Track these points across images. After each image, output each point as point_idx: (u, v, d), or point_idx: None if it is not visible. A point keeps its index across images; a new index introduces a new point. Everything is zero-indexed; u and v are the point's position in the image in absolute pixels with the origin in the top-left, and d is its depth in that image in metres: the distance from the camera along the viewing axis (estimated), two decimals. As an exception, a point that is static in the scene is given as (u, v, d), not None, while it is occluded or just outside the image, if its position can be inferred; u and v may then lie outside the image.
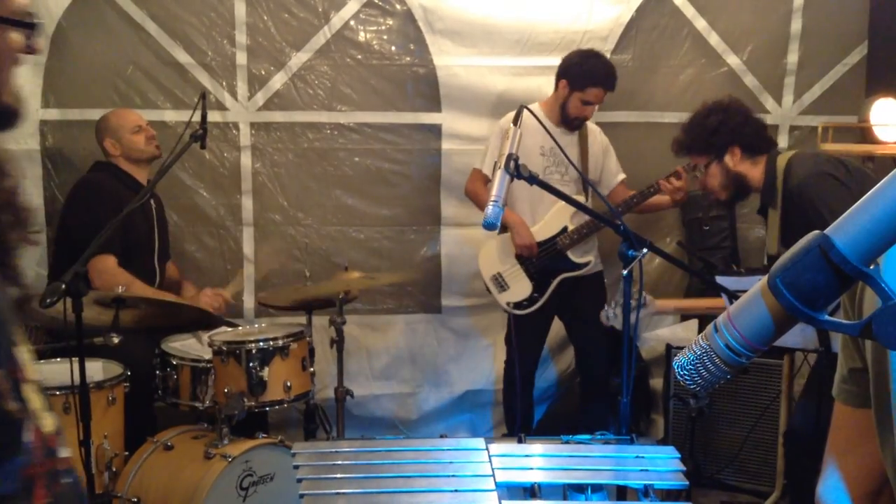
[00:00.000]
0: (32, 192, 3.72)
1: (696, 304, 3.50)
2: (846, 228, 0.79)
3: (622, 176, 3.90)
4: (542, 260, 3.68)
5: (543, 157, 3.65)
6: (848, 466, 1.24)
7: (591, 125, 3.82)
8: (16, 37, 1.17)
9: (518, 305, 3.70)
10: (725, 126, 2.93)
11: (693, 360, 0.88)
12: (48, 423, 1.26)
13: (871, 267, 0.78)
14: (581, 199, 3.57)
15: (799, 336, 2.65)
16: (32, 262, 3.64)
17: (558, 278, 3.72)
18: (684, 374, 0.89)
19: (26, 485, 1.17)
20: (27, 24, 1.17)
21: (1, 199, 1.22)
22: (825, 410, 1.25)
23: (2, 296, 1.21)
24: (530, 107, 3.07)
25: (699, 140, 2.98)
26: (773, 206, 2.91)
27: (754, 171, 2.94)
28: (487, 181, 3.73)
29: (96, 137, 3.56)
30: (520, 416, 3.72)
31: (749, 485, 3.72)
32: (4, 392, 1.14)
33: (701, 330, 3.86)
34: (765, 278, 0.82)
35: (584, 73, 3.57)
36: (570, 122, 3.64)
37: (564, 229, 3.71)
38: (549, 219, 3.72)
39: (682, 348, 2.90)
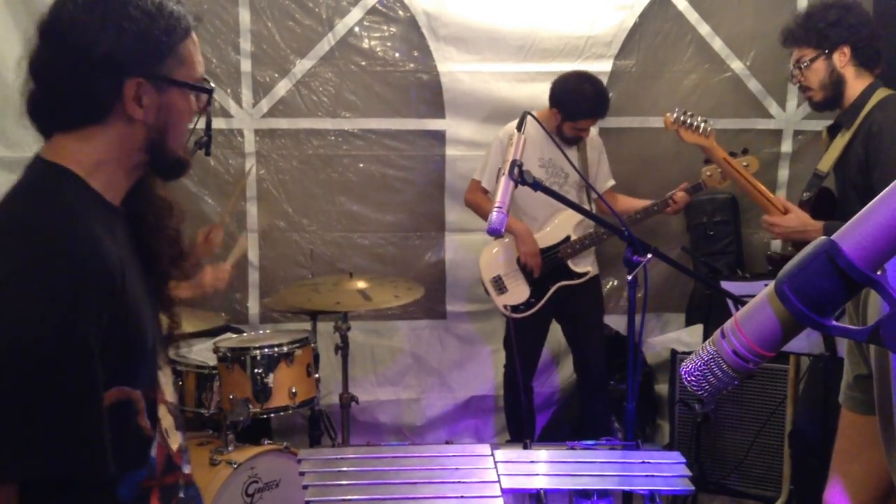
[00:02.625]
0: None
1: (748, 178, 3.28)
2: (853, 234, 0.79)
3: (611, 182, 3.91)
4: (542, 267, 3.68)
5: (543, 168, 3.65)
6: (854, 473, 1.25)
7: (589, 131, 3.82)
8: (194, 99, 1.38)
9: (515, 309, 3.71)
10: (845, 21, 2.79)
11: (700, 366, 0.88)
12: (175, 440, 1.42)
13: (879, 273, 0.78)
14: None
15: (804, 341, 2.64)
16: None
17: (556, 286, 3.72)
18: (691, 380, 0.89)
19: (143, 494, 1.31)
20: (208, 90, 1.39)
21: (168, 237, 1.43)
22: (830, 414, 1.25)
23: (155, 323, 1.37)
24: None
25: (813, 30, 2.82)
26: (847, 126, 2.82)
27: (855, 83, 2.82)
28: (486, 192, 3.74)
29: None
30: (523, 418, 3.72)
31: (755, 490, 3.70)
32: (140, 410, 1.29)
33: (706, 335, 3.85)
34: (772, 284, 0.83)
35: (575, 105, 3.56)
36: (567, 140, 3.64)
37: (567, 238, 3.71)
38: (553, 227, 3.73)
39: (687, 353, 2.91)
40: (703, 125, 3.05)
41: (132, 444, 1.29)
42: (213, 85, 1.41)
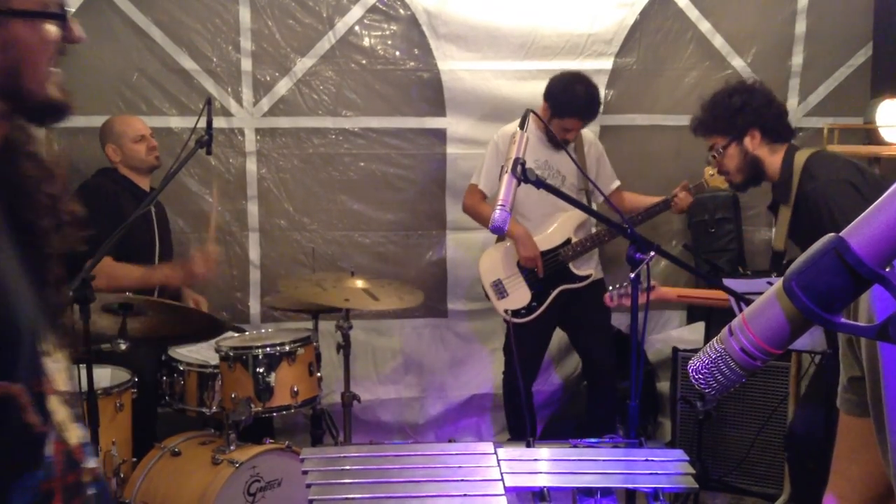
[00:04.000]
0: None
1: (698, 293, 3.47)
2: (862, 231, 0.79)
3: (617, 183, 3.89)
4: (543, 270, 3.67)
5: (539, 171, 3.64)
6: (853, 475, 1.25)
7: (586, 133, 3.81)
8: (50, 29, 1.17)
9: (516, 313, 3.70)
10: (749, 107, 2.85)
11: (708, 364, 0.88)
12: (73, 434, 1.25)
13: (887, 269, 0.78)
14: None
15: (807, 338, 2.64)
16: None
17: (557, 289, 3.71)
18: (699, 378, 0.89)
19: (44, 499, 1.17)
20: (55, 15, 1.17)
21: (43, 204, 1.23)
22: (833, 412, 1.24)
23: (34, 304, 1.20)
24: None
25: (720, 119, 2.89)
26: (784, 203, 2.87)
27: (772, 159, 2.88)
28: (484, 197, 3.73)
29: (100, 141, 3.56)
30: (528, 423, 3.71)
31: (757, 487, 3.70)
32: (25, 406, 1.13)
33: (707, 333, 3.85)
34: (780, 281, 0.82)
35: (564, 102, 3.54)
36: (554, 140, 3.62)
37: (568, 241, 3.70)
38: (553, 230, 3.72)
39: (688, 351, 2.90)
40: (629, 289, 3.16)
41: (20, 446, 1.14)
42: (65, 9, 1.19)
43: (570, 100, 3.53)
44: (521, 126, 2.16)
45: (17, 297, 1.14)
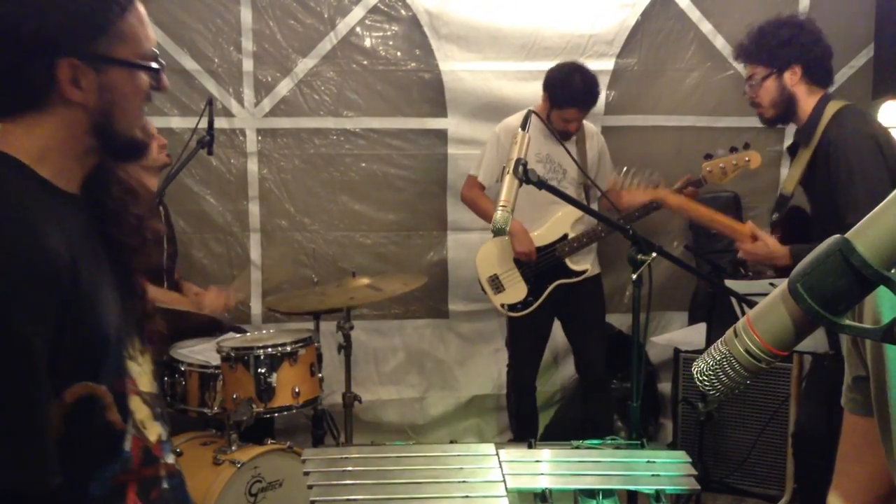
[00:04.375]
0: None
1: (707, 211, 3.22)
2: (867, 232, 0.78)
3: None
4: (540, 265, 3.68)
5: (540, 164, 3.64)
6: (857, 475, 1.25)
7: (589, 126, 3.81)
8: (144, 78, 1.30)
9: (512, 308, 3.71)
10: (796, 41, 2.77)
11: (712, 366, 0.88)
12: (153, 431, 1.38)
13: (893, 271, 0.77)
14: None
15: (809, 339, 2.63)
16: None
17: (553, 284, 3.71)
18: (703, 380, 0.88)
19: (117, 489, 1.28)
20: (154, 69, 1.31)
21: (131, 224, 1.37)
22: (834, 413, 1.24)
23: (121, 314, 1.31)
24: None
25: (765, 49, 2.81)
26: (805, 146, 2.81)
27: (807, 101, 2.81)
28: (483, 188, 3.73)
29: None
30: (531, 422, 3.72)
31: (758, 489, 3.70)
32: (108, 405, 1.25)
33: (709, 334, 3.83)
34: (784, 283, 0.82)
35: (562, 92, 3.54)
36: (555, 133, 3.62)
37: (565, 237, 3.70)
38: (550, 225, 3.72)
39: (690, 352, 2.89)
40: (647, 179, 3.08)
41: (101, 440, 1.26)
42: (161, 62, 1.33)
43: (568, 89, 3.53)
44: (523, 127, 2.16)
45: (106, 308, 1.26)
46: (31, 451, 1.13)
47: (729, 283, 2.73)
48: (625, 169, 3.09)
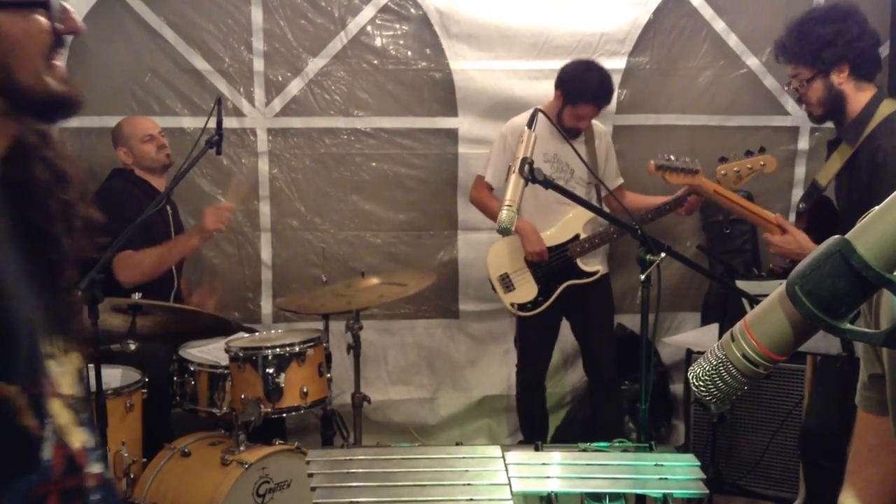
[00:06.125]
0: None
1: (739, 200, 3.10)
2: (868, 234, 0.76)
3: (620, 181, 3.86)
4: (551, 265, 3.66)
5: (548, 164, 3.62)
6: (870, 476, 1.22)
7: (598, 125, 3.78)
8: (38, 19, 1.14)
9: (522, 307, 3.69)
10: (841, 39, 2.62)
11: (709, 371, 0.85)
12: (77, 438, 1.24)
13: (894, 273, 0.75)
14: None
15: (822, 341, 2.60)
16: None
17: (564, 284, 3.69)
18: (699, 385, 0.86)
19: (37, 502, 1.15)
20: (35, 3, 1.13)
21: (55, 210, 1.23)
22: (845, 416, 1.22)
23: (36, 307, 1.19)
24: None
25: (808, 51, 2.67)
26: (849, 143, 2.70)
27: (857, 97, 2.69)
28: (491, 189, 3.72)
29: (113, 145, 3.58)
30: (540, 424, 3.70)
31: (772, 491, 3.66)
32: (21, 408, 1.12)
33: (721, 336, 3.80)
34: (783, 285, 0.80)
35: (577, 88, 3.51)
36: (566, 130, 3.57)
37: (576, 237, 3.68)
38: (562, 225, 3.69)
39: (702, 353, 2.86)
40: (687, 164, 3.03)
41: (14, 448, 1.14)
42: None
43: (583, 86, 3.51)
44: (530, 125, 2.14)
45: (14, 299, 1.13)
46: None
47: (740, 283, 2.70)
48: (659, 159, 2.99)
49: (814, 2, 4.08)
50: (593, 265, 3.73)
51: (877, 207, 0.77)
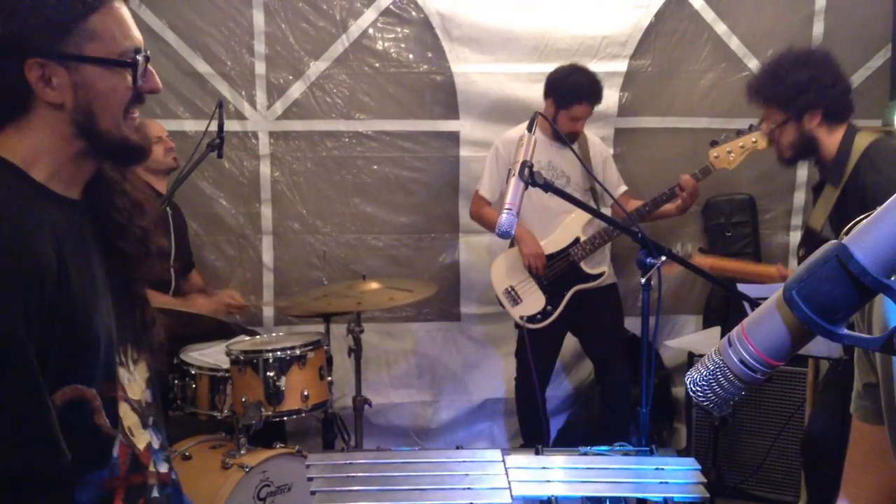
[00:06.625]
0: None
1: (736, 265, 3.17)
2: (865, 239, 0.76)
3: (623, 188, 3.86)
4: (554, 272, 3.64)
5: (542, 171, 3.60)
6: (866, 484, 1.22)
7: (590, 136, 3.78)
8: (123, 75, 1.30)
9: (532, 319, 3.66)
10: (815, 85, 2.62)
11: (706, 376, 0.85)
12: (142, 439, 1.38)
13: (892, 279, 0.74)
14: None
15: (823, 344, 2.58)
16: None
17: (572, 290, 3.68)
18: (696, 391, 0.86)
19: (106, 495, 1.29)
20: (124, 63, 1.30)
21: (134, 236, 1.39)
22: (848, 420, 1.21)
23: (115, 321, 1.33)
24: None
25: (781, 95, 2.67)
26: (833, 185, 2.68)
27: (829, 140, 2.67)
28: (489, 204, 3.71)
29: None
30: (544, 428, 3.68)
31: (774, 495, 3.66)
32: (97, 408, 1.27)
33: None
34: (780, 290, 0.79)
35: (568, 91, 3.52)
36: (561, 138, 3.56)
37: (577, 240, 3.67)
38: (561, 230, 3.69)
39: (704, 356, 2.81)
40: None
41: (90, 444, 1.27)
42: (141, 55, 1.32)
43: (573, 87, 3.52)
44: (529, 129, 2.14)
45: (97, 312, 1.27)
46: (42, 434, 1.17)
47: (741, 287, 2.70)
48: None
49: (815, 6, 4.09)
50: (598, 267, 3.72)
51: (873, 212, 0.76)
